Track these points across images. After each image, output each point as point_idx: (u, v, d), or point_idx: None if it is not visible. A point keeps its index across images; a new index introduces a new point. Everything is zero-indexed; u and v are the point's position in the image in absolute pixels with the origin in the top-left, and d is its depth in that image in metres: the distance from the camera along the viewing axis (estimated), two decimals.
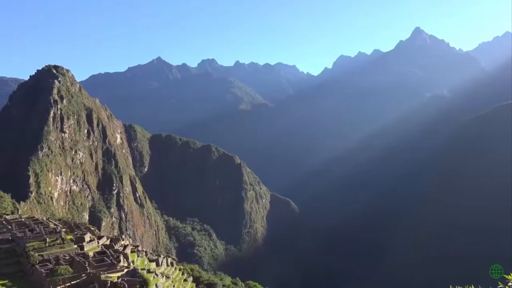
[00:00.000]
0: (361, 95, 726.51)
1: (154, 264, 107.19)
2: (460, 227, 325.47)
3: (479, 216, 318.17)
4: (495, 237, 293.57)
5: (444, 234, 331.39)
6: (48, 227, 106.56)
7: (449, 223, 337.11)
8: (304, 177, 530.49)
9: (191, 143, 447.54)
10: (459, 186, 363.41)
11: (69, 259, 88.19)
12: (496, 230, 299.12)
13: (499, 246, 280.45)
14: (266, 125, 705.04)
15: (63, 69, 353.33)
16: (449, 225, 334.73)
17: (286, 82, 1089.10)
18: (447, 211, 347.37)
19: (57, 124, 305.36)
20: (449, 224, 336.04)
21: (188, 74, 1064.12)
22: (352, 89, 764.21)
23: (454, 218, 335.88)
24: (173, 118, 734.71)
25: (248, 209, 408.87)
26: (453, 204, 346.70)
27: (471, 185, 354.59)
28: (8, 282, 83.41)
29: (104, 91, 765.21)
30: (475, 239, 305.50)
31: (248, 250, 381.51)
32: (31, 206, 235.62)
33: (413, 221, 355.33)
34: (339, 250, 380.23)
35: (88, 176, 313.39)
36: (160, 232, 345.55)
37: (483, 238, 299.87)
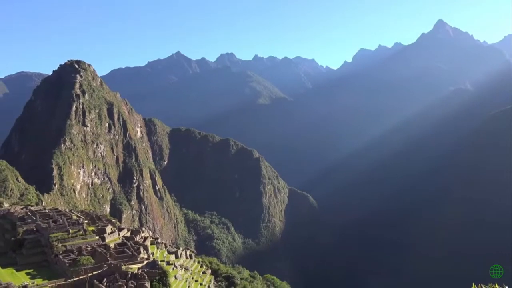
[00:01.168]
0: (382, 89, 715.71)
1: (173, 256, 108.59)
2: (482, 223, 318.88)
3: (502, 213, 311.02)
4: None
5: (465, 230, 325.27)
6: (71, 219, 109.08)
7: (470, 219, 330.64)
8: (323, 172, 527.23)
9: (210, 137, 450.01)
10: (481, 182, 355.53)
11: (91, 250, 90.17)
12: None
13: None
14: (284, 119, 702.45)
15: (84, 64, 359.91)
16: (471, 221, 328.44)
17: (305, 76, 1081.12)
18: (469, 207, 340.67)
19: (79, 118, 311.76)
20: (470, 221, 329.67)
21: (207, 68, 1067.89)
22: (372, 83, 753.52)
23: (476, 214, 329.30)
24: (192, 112, 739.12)
25: (266, 203, 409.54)
26: (476, 200, 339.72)
27: (494, 181, 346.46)
28: (33, 271, 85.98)
29: (125, 86, 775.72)
30: (497, 236, 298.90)
31: (266, 244, 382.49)
32: (54, 198, 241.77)
33: (434, 217, 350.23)
34: (359, 245, 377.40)
35: (109, 169, 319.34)
36: (179, 225, 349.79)
37: (507, 235, 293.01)
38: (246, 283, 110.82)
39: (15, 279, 75.61)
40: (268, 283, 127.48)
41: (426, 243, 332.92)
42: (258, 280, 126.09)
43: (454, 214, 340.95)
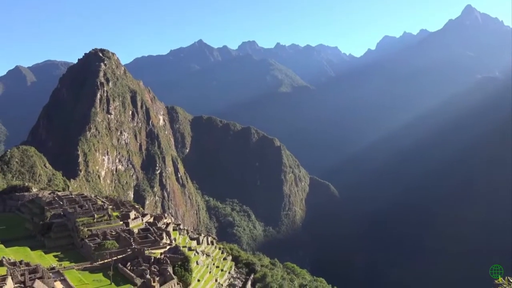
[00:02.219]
0: (406, 77, 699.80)
1: (195, 242, 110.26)
2: (506, 220, 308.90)
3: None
4: None
5: (489, 226, 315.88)
6: (96, 204, 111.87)
7: (496, 214, 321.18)
8: (345, 161, 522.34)
9: (231, 125, 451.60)
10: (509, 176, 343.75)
11: (115, 235, 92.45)
12: None
13: None
14: (306, 107, 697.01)
15: (108, 53, 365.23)
16: (496, 217, 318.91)
17: (327, 64, 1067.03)
18: (495, 201, 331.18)
19: (103, 105, 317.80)
20: (495, 216, 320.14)
21: (229, 57, 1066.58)
22: (397, 71, 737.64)
23: (502, 210, 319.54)
24: (213, 101, 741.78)
25: (287, 191, 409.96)
26: (503, 195, 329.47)
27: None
28: (60, 254, 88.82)
29: (148, 74, 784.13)
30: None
31: (286, 232, 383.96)
32: (80, 184, 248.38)
33: (459, 210, 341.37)
34: (381, 236, 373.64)
35: (132, 156, 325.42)
36: (200, 212, 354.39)
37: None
38: (266, 270, 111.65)
39: (43, 261, 78.30)
40: (288, 270, 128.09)
41: (447, 237, 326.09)
42: (278, 267, 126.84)
43: (477, 209, 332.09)
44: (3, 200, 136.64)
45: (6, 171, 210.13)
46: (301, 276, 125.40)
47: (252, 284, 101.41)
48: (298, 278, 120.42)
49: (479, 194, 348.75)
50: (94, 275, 74.73)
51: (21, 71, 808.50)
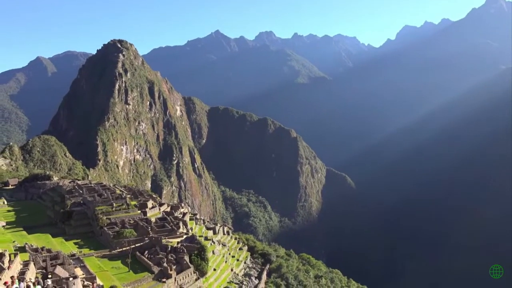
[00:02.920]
0: (427, 68, 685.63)
1: (211, 232, 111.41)
2: None
3: None
4: None
5: (506, 221, 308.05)
6: (115, 193, 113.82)
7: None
8: (362, 153, 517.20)
9: (247, 116, 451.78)
10: None
11: (133, 223, 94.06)
12: None
13: None
14: (323, 98, 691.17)
15: (127, 43, 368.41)
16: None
17: (345, 55, 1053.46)
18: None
19: (121, 96, 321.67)
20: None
21: (246, 47, 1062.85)
22: (417, 62, 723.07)
23: None
24: (230, 91, 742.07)
25: (303, 183, 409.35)
26: None
27: None
28: (80, 241, 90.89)
29: (165, 65, 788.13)
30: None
31: (302, 223, 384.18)
32: (99, 173, 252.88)
33: (476, 205, 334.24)
34: (397, 230, 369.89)
35: (150, 146, 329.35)
36: (217, 202, 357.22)
37: None
38: (281, 261, 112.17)
39: (64, 248, 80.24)
40: (303, 261, 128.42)
41: (463, 232, 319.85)
42: (294, 258, 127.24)
43: (494, 204, 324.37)
44: (25, 188, 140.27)
45: (28, 160, 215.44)
46: (316, 268, 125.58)
47: (267, 274, 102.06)
48: (313, 269, 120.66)
49: (497, 189, 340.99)
50: (112, 263, 76.28)
51: (42, 62, 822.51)
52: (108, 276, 67.30)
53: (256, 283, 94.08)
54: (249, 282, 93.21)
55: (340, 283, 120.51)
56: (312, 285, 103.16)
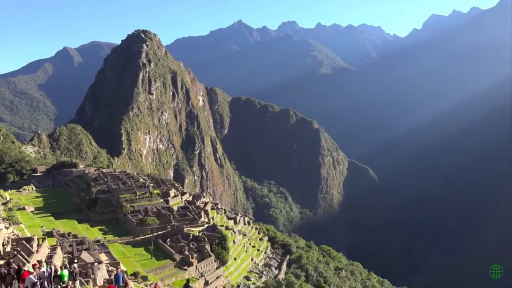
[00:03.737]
0: (454, 59, 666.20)
1: (232, 221, 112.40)
2: None
3: None
4: None
5: None
6: (138, 181, 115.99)
7: None
8: (385, 145, 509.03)
9: (269, 107, 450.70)
10: None
11: (156, 212, 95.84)
12: None
13: None
14: (347, 89, 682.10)
15: (150, 34, 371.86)
16: None
17: (370, 45, 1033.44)
18: None
19: (145, 86, 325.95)
20: None
21: (268, 37, 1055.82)
22: (444, 52, 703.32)
23: None
24: (252, 82, 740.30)
25: (324, 174, 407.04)
26: None
27: None
28: (105, 227, 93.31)
29: (188, 55, 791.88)
30: None
31: (323, 215, 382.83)
32: (123, 161, 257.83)
33: (502, 201, 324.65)
34: (419, 224, 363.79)
35: (172, 136, 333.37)
36: (238, 192, 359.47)
37: None
38: (302, 252, 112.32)
39: (89, 234, 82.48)
40: (324, 253, 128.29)
41: (486, 229, 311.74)
42: (314, 250, 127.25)
43: None
44: (53, 175, 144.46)
45: (55, 147, 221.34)
46: (336, 260, 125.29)
47: (287, 265, 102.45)
48: (333, 261, 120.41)
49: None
50: (136, 249, 78.06)
51: (69, 52, 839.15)
52: (132, 262, 68.91)
53: (276, 273, 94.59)
54: (269, 272, 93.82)
55: (360, 276, 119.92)
56: (332, 277, 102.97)
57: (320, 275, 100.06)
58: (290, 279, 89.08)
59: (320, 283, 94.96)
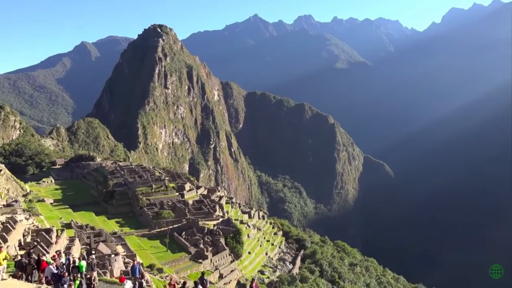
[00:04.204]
0: (474, 53, 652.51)
1: (246, 216, 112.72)
2: None
3: None
4: None
5: None
6: (154, 175, 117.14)
7: None
8: (402, 141, 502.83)
9: (285, 102, 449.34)
10: None
11: (171, 205, 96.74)
12: None
13: None
14: (363, 84, 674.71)
15: (166, 28, 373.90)
16: None
17: (387, 39, 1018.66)
18: None
19: (161, 80, 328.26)
20: None
21: (284, 31, 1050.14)
22: (464, 47, 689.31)
23: None
24: (268, 76, 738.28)
25: (340, 170, 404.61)
26: None
27: None
28: (122, 220, 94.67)
29: (203, 49, 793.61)
30: None
31: (338, 210, 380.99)
32: (139, 155, 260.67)
33: None
34: (436, 221, 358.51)
35: (188, 130, 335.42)
36: (252, 187, 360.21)
37: None
38: (316, 247, 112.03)
39: (106, 226, 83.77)
40: (338, 248, 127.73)
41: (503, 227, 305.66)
42: (328, 245, 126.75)
43: None
44: (71, 168, 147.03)
45: (73, 141, 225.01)
46: (351, 255, 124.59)
47: (302, 260, 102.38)
48: (348, 257, 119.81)
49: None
50: (151, 242, 79.04)
51: (86, 47, 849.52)
52: (148, 254, 69.82)
53: (290, 268, 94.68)
54: (283, 266, 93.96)
55: (375, 272, 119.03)
56: (347, 272, 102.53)
57: (335, 271, 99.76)
58: (304, 274, 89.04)
59: (334, 279, 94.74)
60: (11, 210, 61.48)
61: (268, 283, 79.24)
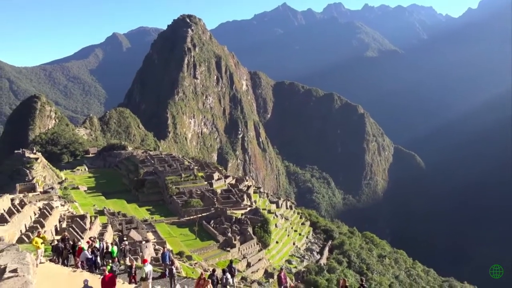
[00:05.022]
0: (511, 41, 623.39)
1: (274, 205, 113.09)
2: None
3: None
4: None
5: None
6: (183, 164, 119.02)
7: None
8: (434, 131, 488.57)
9: (313, 91, 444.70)
10: None
11: (200, 194, 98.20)
12: None
13: None
14: (394, 73, 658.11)
15: (195, 18, 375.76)
16: None
17: (420, 26, 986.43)
18: None
19: (190, 70, 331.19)
20: None
21: (313, 20, 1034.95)
22: (502, 33, 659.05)
23: None
24: (296, 66, 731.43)
25: (369, 160, 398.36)
26: None
27: None
28: (152, 208, 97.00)
29: (232, 39, 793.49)
30: None
31: (367, 201, 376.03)
32: (169, 144, 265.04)
33: None
34: (469, 214, 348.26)
35: (216, 120, 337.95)
36: (280, 177, 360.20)
37: None
38: (344, 238, 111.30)
39: (137, 214, 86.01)
40: (367, 240, 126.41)
41: None
42: (357, 236, 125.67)
43: None
44: (103, 156, 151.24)
45: (106, 130, 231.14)
46: (380, 247, 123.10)
47: (329, 251, 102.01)
48: (377, 248, 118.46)
49: None
50: (181, 230, 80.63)
51: (118, 38, 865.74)
52: (177, 242, 71.30)
53: (317, 258, 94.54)
54: (310, 256, 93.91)
55: (404, 264, 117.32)
56: (375, 264, 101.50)
57: (363, 262, 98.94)
58: (332, 265, 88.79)
59: (362, 270, 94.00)
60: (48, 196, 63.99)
61: (296, 272, 79.48)
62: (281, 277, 20.90)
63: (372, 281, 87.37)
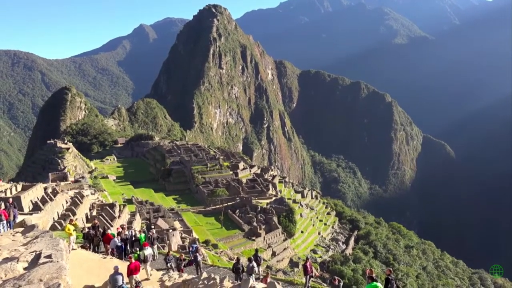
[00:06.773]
0: None
1: (299, 195, 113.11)
2: None
3: None
4: None
5: None
6: (209, 154, 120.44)
7: None
8: (465, 120, 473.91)
9: (339, 80, 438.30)
10: None
11: (225, 183, 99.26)
12: None
13: None
14: (423, 60, 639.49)
15: (221, 8, 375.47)
16: None
17: (451, 11, 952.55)
18: None
19: (216, 60, 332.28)
20: None
21: (340, 7, 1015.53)
22: None
23: None
24: (322, 54, 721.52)
25: (396, 150, 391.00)
26: None
27: None
28: (178, 197, 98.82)
29: (257, 28, 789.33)
30: None
31: (394, 191, 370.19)
32: (195, 134, 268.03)
33: None
34: (500, 203, 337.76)
35: (242, 110, 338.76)
36: (305, 166, 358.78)
37: None
38: (370, 228, 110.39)
39: (164, 202, 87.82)
40: (394, 230, 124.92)
41: None
42: (383, 226, 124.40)
43: None
44: (131, 146, 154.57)
45: (133, 120, 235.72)
46: (407, 238, 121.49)
47: (355, 241, 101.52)
48: (404, 239, 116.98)
49: None
50: (207, 218, 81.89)
51: (144, 29, 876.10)
52: (203, 230, 72.51)
53: (343, 248, 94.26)
54: (336, 246, 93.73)
55: (432, 255, 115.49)
56: (402, 255, 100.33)
57: (389, 252, 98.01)
58: (357, 255, 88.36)
59: (389, 260, 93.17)
60: (79, 185, 66.13)
61: (321, 262, 79.57)
62: (307, 267, 21.09)
63: (399, 271, 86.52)
